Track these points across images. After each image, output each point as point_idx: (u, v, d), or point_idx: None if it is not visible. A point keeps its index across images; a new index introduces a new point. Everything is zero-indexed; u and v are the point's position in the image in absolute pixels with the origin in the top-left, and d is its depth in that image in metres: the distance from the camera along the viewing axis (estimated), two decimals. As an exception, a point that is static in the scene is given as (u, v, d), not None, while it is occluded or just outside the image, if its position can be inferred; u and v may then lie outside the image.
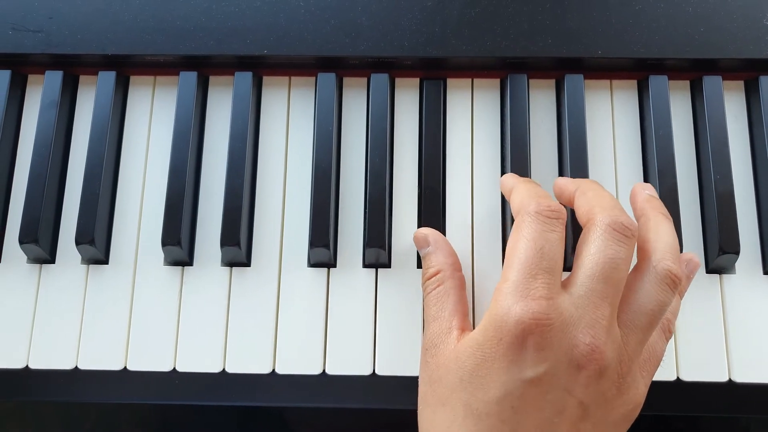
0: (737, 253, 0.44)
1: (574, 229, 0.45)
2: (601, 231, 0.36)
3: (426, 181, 0.46)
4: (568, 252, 0.44)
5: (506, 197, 0.43)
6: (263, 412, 0.53)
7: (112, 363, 0.44)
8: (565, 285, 0.36)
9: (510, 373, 0.35)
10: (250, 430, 0.53)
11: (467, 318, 0.41)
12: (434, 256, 0.43)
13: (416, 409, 0.40)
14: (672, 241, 0.38)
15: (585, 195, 0.40)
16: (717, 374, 0.44)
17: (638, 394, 0.37)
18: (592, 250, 0.36)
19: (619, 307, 0.37)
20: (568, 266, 0.44)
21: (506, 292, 0.36)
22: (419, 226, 0.46)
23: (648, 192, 0.42)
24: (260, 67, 0.49)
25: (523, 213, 0.38)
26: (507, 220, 0.46)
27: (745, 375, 0.43)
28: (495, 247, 0.46)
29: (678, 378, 0.44)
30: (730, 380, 0.44)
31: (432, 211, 0.46)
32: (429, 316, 0.41)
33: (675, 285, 0.37)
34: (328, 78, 0.48)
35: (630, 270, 0.38)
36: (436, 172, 0.46)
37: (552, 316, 0.34)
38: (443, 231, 0.46)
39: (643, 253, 0.38)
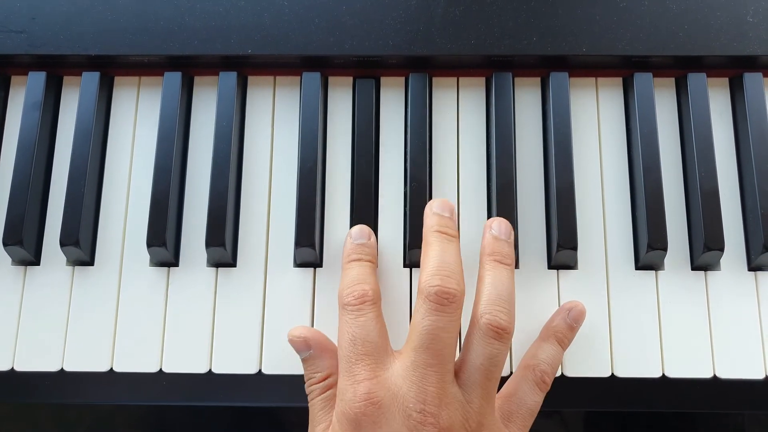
0: (722, 249, 0.44)
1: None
2: (422, 301, 0.38)
3: (413, 174, 0.46)
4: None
5: None
6: (251, 412, 0.53)
7: (98, 364, 0.44)
8: (398, 356, 0.38)
9: None
10: (239, 430, 0.53)
11: None
12: (320, 361, 0.41)
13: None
14: (500, 291, 0.39)
15: (425, 249, 0.41)
16: (702, 370, 0.44)
17: None
18: (415, 321, 0.38)
19: (458, 366, 0.38)
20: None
21: (341, 388, 0.38)
22: (406, 225, 0.46)
23: (493, 232, 0.42)
24: (245, 66, 0.48)
25: (339, 306, 0.40)
26: (493, 214, 0.45)
27: (729, 371, 0.44)
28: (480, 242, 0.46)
29: (663, 375, 0.44)
30: (714, 376, 0.44)
31: (419, 205, 0.45)
32: (314, 420, 0.40)
33: (500, 336, 0.38)
34: (313, 77, 0.48)
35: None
36: (422, 165, 0.46)
37: (379, 393, 0.36)
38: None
39: (474, 308, 0.40)
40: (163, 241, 0.44)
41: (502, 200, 0.45)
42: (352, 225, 0.45)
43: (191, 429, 0.54)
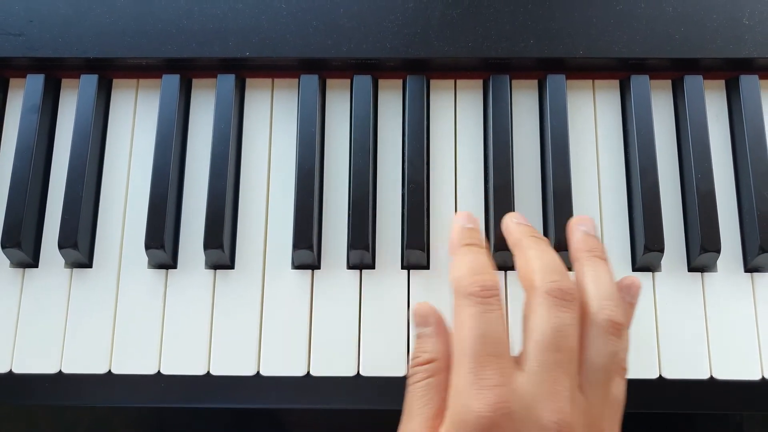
0: (718, 251, 0.44)
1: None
2: (542, 299, 0.35)
3: (410, 175, 0.46)
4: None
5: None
6: (250, 414, 0.53)
7: (96, 367, 0.44)
8: (518, 362, 0.35)
9: None
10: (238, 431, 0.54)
11: None
12: (432, 341, 0.37)
13: (399, 410, 0.40)
14: (608, 286, 0.37)
15: (524, 254, 0.38)
16: (699, 371, 0.44)
17: None
18: (538, 321, 0.35)
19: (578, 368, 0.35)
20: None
21: (460, 389, 0.33)
22: (404, 227, 0.46)
23: (583, 229, 0.40)
24: (243, 69, 0.49)
25: (458, 295, 0.36)
26: (490, 218, 0.46)
27: (726, 372, 0.44)
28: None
29: (660, 376, 0.44)
30: (711, 377, 0.44)
31: (416, 206, 0.45)
32: (410, 411, 0.36)
33: (619, 332, 0.35)
34: (311, 80, 0.48)
35: None
36: (420, 167, 0.46)
37: (510, 402, 0.32)
38: (427, 228, 0.46)
39: (583, 306, 0.36)
40: (161, 244, 0.44)
41: (499, 202, 0.45)
42: (350, 227, 0.45)
43: (190, 430, 0.54)
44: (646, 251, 0.44)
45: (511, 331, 0.38)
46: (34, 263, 0.46)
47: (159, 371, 0.44)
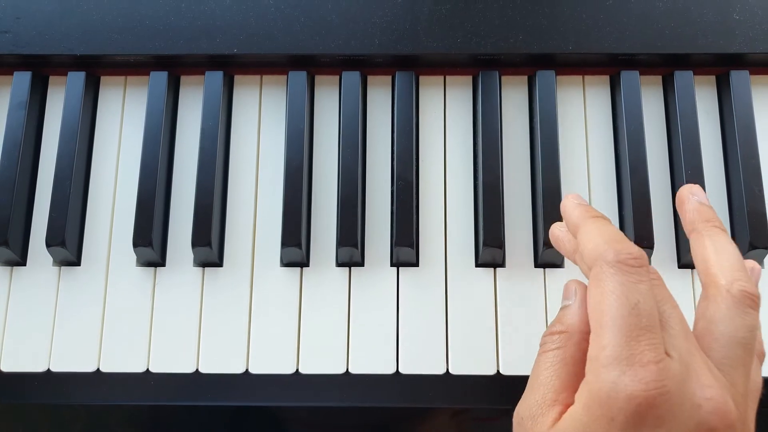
0: (708, 247, 0.44)
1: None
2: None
3: (399, 172, 0.46)
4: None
5: (569, 228, 0.38)
6: (242, 411, 0.53)
7: (85, 365, 0.44)
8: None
9: None
10: (229, 429, 0.53)
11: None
12: (570, 313, 0.35)
13: (391, 407, 0.40)
14: (736, 257, 0.35)
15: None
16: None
17: (751, 430, 0.33)
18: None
19: (708, 347, 0.33)
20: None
21: (606, 362, 0.30)
22: (393, 224, 0.46)
23: (697, 199, 0.37)
24: (231, 66, 0.48)
25: (600, 263, 0.32)
26: (479, 215, 0.46)
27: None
28: (468, 241, 0.46)
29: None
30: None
31: (405, 203, 0.45)
32: (537, 379, 0.34)
33: (755, 305, 0.33)
34: (299, 76, 0.48)
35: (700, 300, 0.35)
36: (408, 163, 0.46)
37: (667, 382, 0.29)
38: (416, 223, 0.46)
39: (710, 278, 0.34)
40: (150, 241, 0.44)
41: (488, 198, 0.45)
42: (338, 225, 0.45)
43: (183, 428, 0.54)
44: (635, 248, 0.44)
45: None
46: (22, 261, 0.46)
47: (148, 369, 0.44)
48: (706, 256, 0.35)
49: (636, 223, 0.44)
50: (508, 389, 0.44)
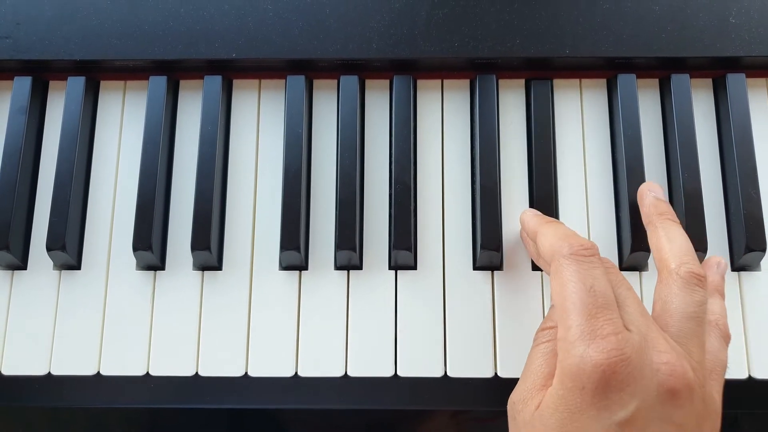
0: (705, 250, 0.44)
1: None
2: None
3: (397, 176, 0.46)
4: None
5: (527, 236, 0.43)
6: (241, 414, 0.54)
7: (85, 368, 0.45)
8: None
9: (601, 420, 0.33)
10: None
11: None
12: (554, 312, 0.40)
13: (390, 409, 0.40)
14: (685, 244, 0.39)
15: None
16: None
17: (716, 403, 0.37)
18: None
19: (665, 323, 0.37)
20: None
21: (572, 339, 0.34)
22: (391, 228, 0.46)
23: (654, 194, 0.43)
24: (230, 70, 0.49)
25: (557, 257, 0.37)
26: (477, 218, 0.46)
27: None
28: (465, 244, 0.46)
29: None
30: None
31: (403, 206, 0.45)
32: (529, 369, 0.38)
33: (702, 283, 0.38)
34: (298, 80, 0.48)
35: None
36: (406, 167, 0.46)
37: (626, 350, 0.33)
38: (415, 227, 0.46)
39: (662, 263, 0.39)
40: (149, 245, 0.45)
41: (486, 202, 0.45)
42: (337, 228, 0.45)
43: (183, 431, 0.54)
44: (632, 251, 0.44)
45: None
46: (22, 265, 0.46)
47: (148, 372, 0.45)
48: (660, 244, 0.40)
49: (633, 226, 0.45)
50: (506, 392, 0.43)
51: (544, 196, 0.45)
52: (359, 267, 0.46)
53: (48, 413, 0.49)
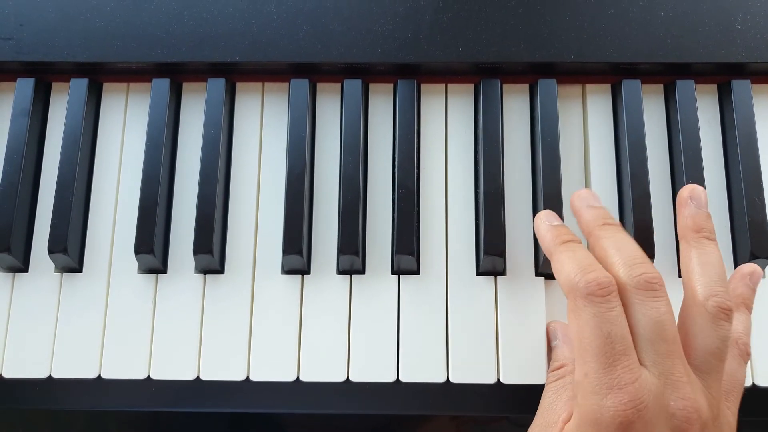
0: (709, 257, 0.44)
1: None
2: (633, 294, 0.36)
3: (400, 180, 0.46)
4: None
5: (542, 246, 0.42)
6: (240, 419, 0.53)
7: (86, 371, 0.44)
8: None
9: None
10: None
11: None
12: (560, 350, 0.42)
13: (389, 414, 0.41)
14: (717, 270, 0.38)
15: (600, 245, 0.39)
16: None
17: (731, 424, 0.37)
18: (638, 316, 0.36)
19: (686, 354, 0.37)
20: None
21: (590, 388, 0.35)
22: (394, 232, 0.46)
23: (695, 205, 0.40)
24: (233, 73, 0.48)
25: (574, 295, 0.36)
26: (480, 223, 0.46)
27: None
28: (468, 249, 0.46)
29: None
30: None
31: (406, 211, 0.45)
32: (543, 406, 0.40)
33: (729, 317, 0.37)
34: (301, 84, 0.48)
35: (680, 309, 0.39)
36: (410, 171, 0.46)
37: (644, 398, 0.34)
38: (417, 231, 0.46)
39: (689, 290, 0.38)
40: (151, 248, 0.44)
41: (489, 206, 0.45)
42: (340, 232, 0.45)
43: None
44: (636, 257, 0.44)
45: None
46: (24, 268, 0.46)
47: (149, 376, 0.44)
48: (690, 267, 0.39)
49: (637, 232, 0.44)
50: (508, 398, 0.44)
51: (551, 199, 0.45)
52: (362, 271, 0.46)
53: (49, 416, 0.49)
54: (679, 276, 0.46)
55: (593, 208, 0.41)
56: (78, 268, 0.46)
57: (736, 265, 0.46)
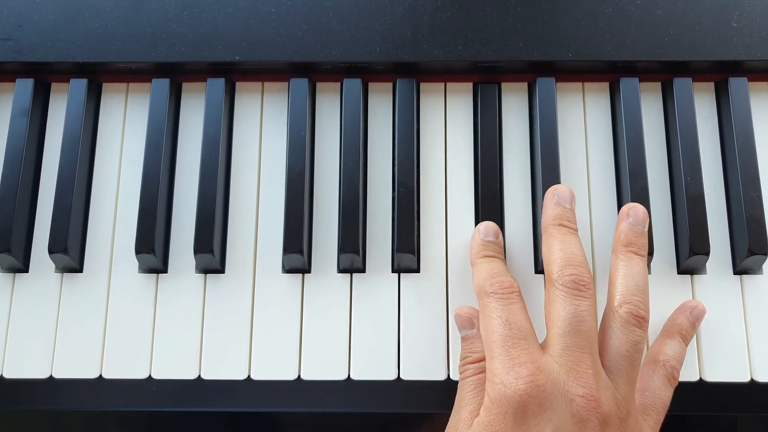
0: (707, 254, 0.44)
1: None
2: (559, 290, 0.39)
3: (400, 179, 0.46)
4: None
5: (470, 247, 0.45)
6: (242, 417, 0.53)
7: (87, 371, 0.44)
8: (543, 347, 0.39)
9: None
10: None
11: None
12: (478, 342, 0.42)
13: (391, 412, 0.41)
14: (637, 281, 0.41)
15: (548, 243, 0.42)
16: (688, 374, 0.44)
17: None
18: (558, 310, 0.39)
19: (601, 354, 0.39)
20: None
21: (495, 370, 0.38)
22: (394, 230, 0.46)
23: (629, 221, 0.43)
24: (233, 73, 0.49)
25: (482, 296, 0.41)
26: (480, 221, 0.46)
27: (715, 375, 0.44)
28: (468, 248, 0.46)
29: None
30: (701, 379, 0.44)
31: (406, 210, 0.45)
32: (462, 400, 0.40)
33: (641, 324, 0.39)
34: (301, 83, 0.48)
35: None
36: (409, 170, 0.46)
37: (541, 377, 0.36)
38: (418, 230, 0.46)
39: (609, 297, 0.41)
40: (152, 248, 0.44)
41: (488, 205, 0.45)
42: (340, 231, 0.45)
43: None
44: (635, 254, 0.44)
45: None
46: (24, 268, 0.46)
47: (150, 375, 0.44)
48: (614, 277, 0.41)
49: (636, 229, 0.45)
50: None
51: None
52: (362, 270, 0.46)
53: (50, 416, 0.49)
54: (678, 272, 0.46)
55: (559, 206, 0.43)
56: (78, 269, 0.46)
57: (734, 262, 0.46)
